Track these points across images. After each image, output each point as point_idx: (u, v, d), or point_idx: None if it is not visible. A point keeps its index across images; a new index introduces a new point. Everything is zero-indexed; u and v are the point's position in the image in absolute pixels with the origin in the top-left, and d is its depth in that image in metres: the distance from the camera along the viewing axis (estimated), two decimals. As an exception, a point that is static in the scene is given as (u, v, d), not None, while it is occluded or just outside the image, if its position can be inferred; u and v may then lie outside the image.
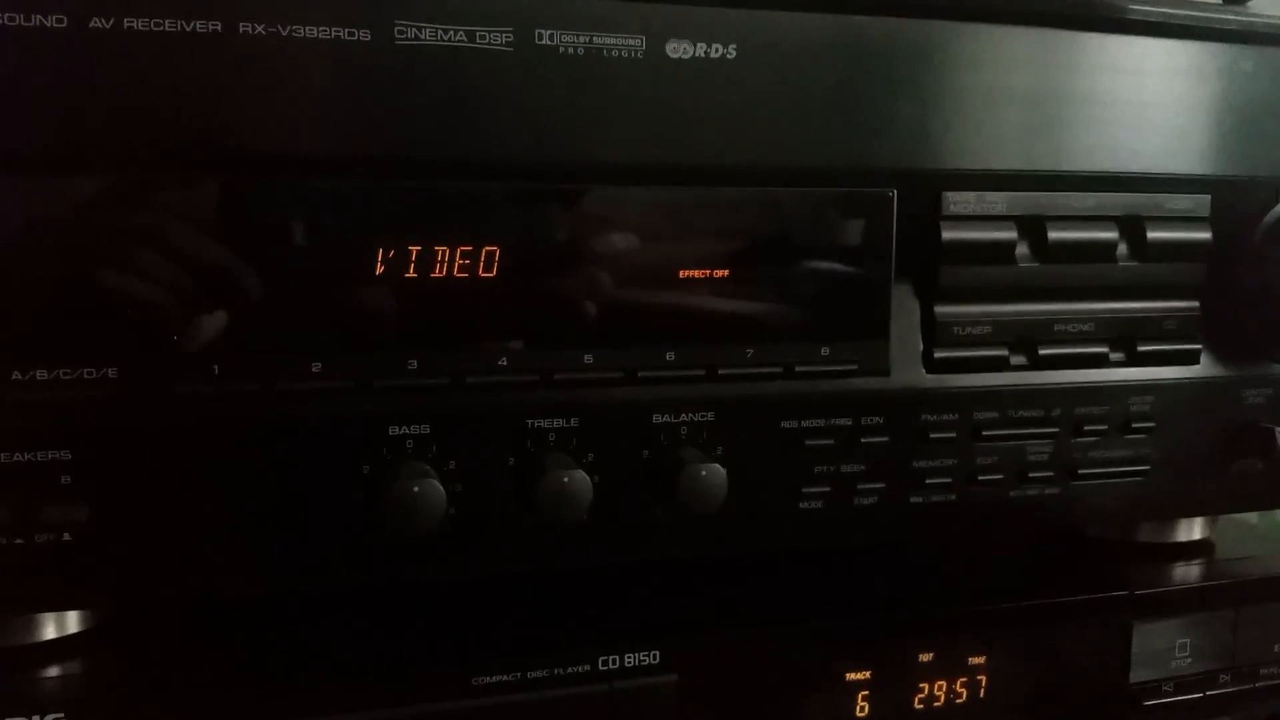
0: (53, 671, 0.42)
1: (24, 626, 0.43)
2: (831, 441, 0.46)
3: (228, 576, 0.41)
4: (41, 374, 0.38)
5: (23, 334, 0.37)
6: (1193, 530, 0.58)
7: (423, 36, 0.39)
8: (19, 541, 0.38)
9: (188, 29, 0.37)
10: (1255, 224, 0.50)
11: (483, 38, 0.40)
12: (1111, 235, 0.48)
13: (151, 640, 0.44)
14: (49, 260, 0.37)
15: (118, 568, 0.40)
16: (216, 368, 0.39)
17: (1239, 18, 0.48)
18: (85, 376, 0.38)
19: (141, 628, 0.45)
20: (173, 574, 0.40)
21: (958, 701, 0.50)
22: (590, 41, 0.41)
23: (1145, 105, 0.48)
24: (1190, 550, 0.58)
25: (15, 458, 0.38)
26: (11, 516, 0.38)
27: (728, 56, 0.43)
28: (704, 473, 0.43)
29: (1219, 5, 0.51)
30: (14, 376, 0.37)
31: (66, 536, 0.39)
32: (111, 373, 0.38)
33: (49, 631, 0.43)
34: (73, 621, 0.44)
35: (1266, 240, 0.50)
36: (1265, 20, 0.49)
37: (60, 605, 0.42)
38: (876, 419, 0.47)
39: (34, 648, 0.43)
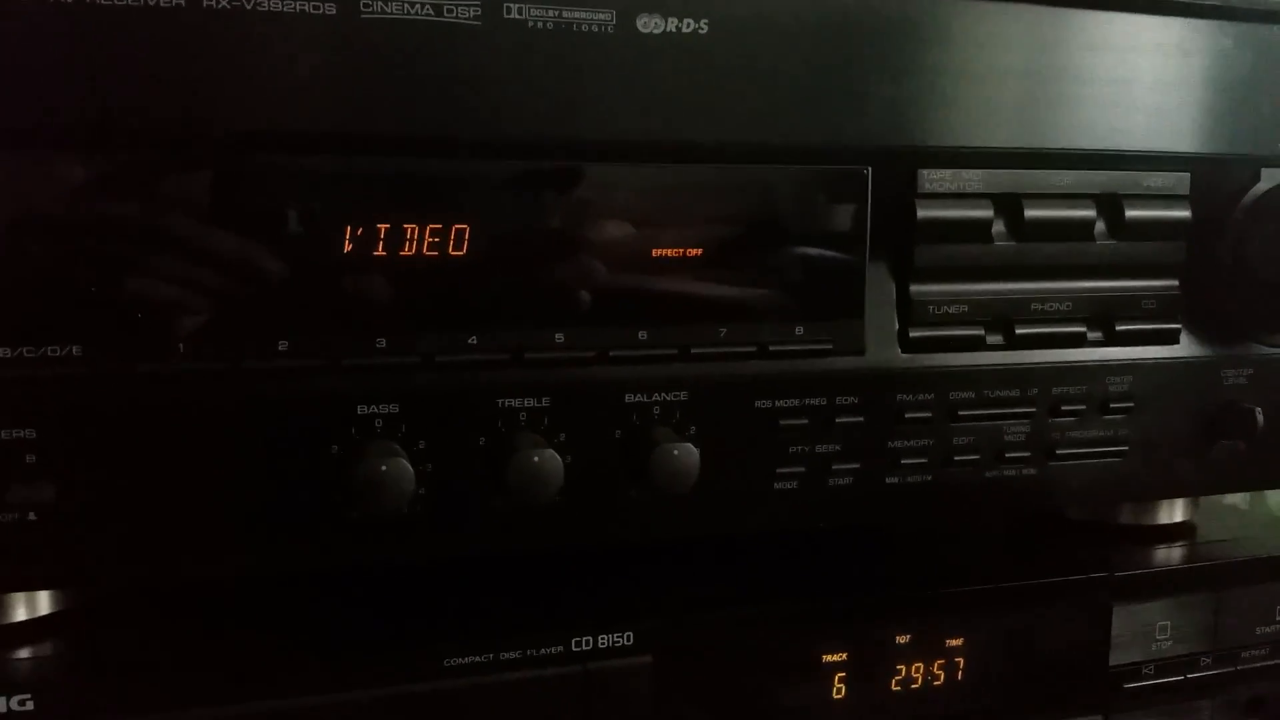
0: (22, 653, 0.41)
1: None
2: (806, 421, 0.46)
3: (194, 557, 0.41)
4: (4, 352, 0.37)
5: (-16, 312, 0.37)
6: (1174, 512, 0.58)
7: (389, 10, 0.39)
8: (-18, 521, 0.38)
9: (151, 2, 0.37)
10: (1235, 202, 0.50)
11: (450, 11, 0.40)
12: (1089, 213, 0.48)
13: (122, 622, 0.44)
14: (10, 238, 0.37)
15: (84, 548, 0.39)
16: (182, 346, 0.39)
17: (1221, -5, 0.48)
18: (49, 354, 0.38)
19: (113, 610, 0.44)
20: (139, 554, 0.40)
21: (936, 684, 0.50)
22: (560, 15, 0.41)
23: (1124, 82, 0.47)
24: (1172, 532, 0.57)
25: (-22, 437, 0.38)
26: (-26, 496, 0.38)
27: (699, 31, 0.42)
28: (676, 452, 0.42)
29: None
30: (-24, 355, 0.37)
31: (32, 516, 0.38)
32: (75, 350, 0.38)
33: (19, 613, 0.43)
34: (44, 603, 0.43)
35: (1247, 219, 0.50)
36: (1249, -2, 0.48)
37: (26, 585, 0.41)
38: (851, 399, 0.46)
39: (4, 629, 0.42)
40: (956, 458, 0.48)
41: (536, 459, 0.41)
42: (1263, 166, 0.50)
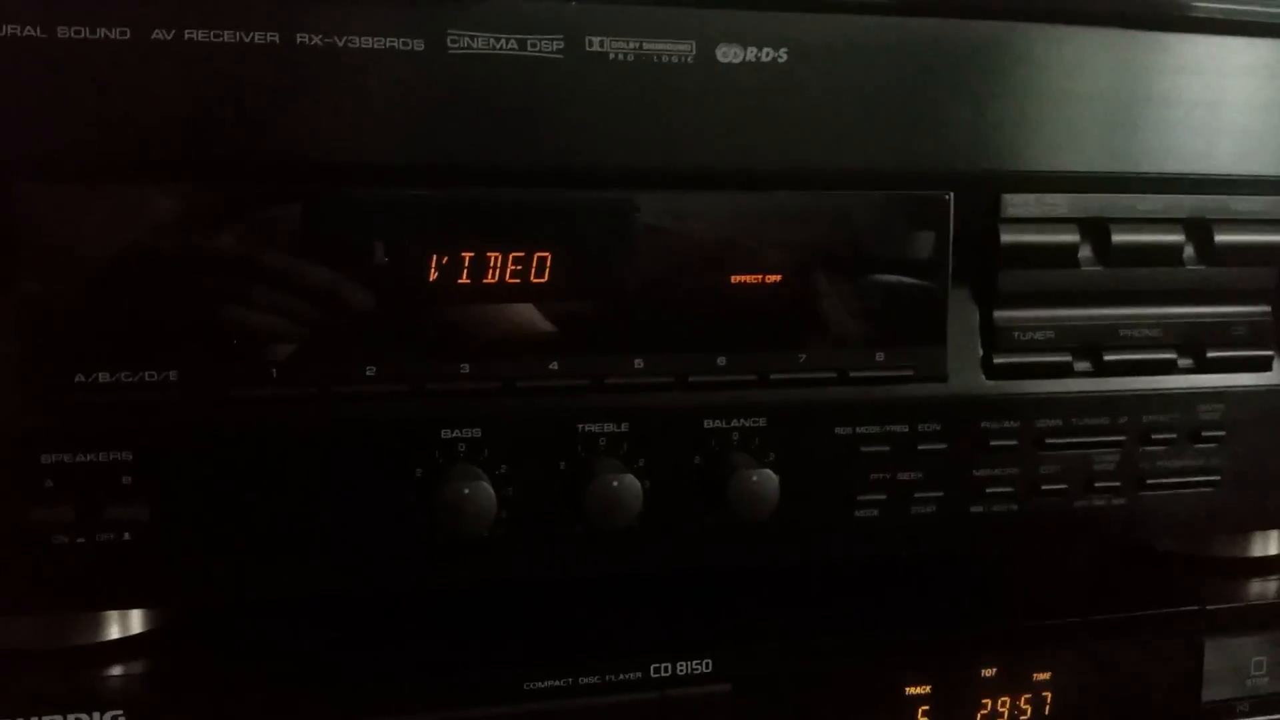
0: (114, 670, 0.43)
1: (88, 626, 0.44)
2: (887, 448, 0.45)
3: (282, 578, 0.42)
4: (104, 376, 0.39)
5: (86, 338, 0.38)
6: (1269, 544, 0.56)
7: (475, 46, 0.40)
8: (81, 541, 0.39)
9: (246, 40, 0.38)
10: (1333, 226, 0.49)
11: (534, 45, 0.40)
12: (1178, 238, 0.47)
13: (212, 642, 0.45)
14: (111, 267, 0.38)
15: (176, 567, 0.40)
16: (274, 371, 0.40)
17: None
18: (146, 379, 0.39)
19: (203, 629, 0.46)
20: (229, 574, 0.41)
21: (1022, 718, 0.49)
22: (640, 47, 0.41)
23: (1214, 105, 0.47)
24: (1267, 565, 0.56)
25: (78, 458, 0.39)
26: (74, 516, 0.39)
27: (779, 60, 0.42)
28: (755, 479, 0.42)
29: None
30: (77, 379, 0.39)
31: (127, 536, 0.40)
32: (172, 375, 0.39)
33: (113, 631, 0.44)
34: (135, 622, 0.45)
35: (1344, 243, 0.48)
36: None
37: (120, 604, 0.42)
38: (934, 426, 0.46)
39: (98, 646, 0.44)
40: (1044, 487, 0.47)
41: (615, 484, 0.41)
42: (1362, 189, 0.49)
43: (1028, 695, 0.49)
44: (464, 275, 0.41)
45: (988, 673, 0.48)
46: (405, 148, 0.40)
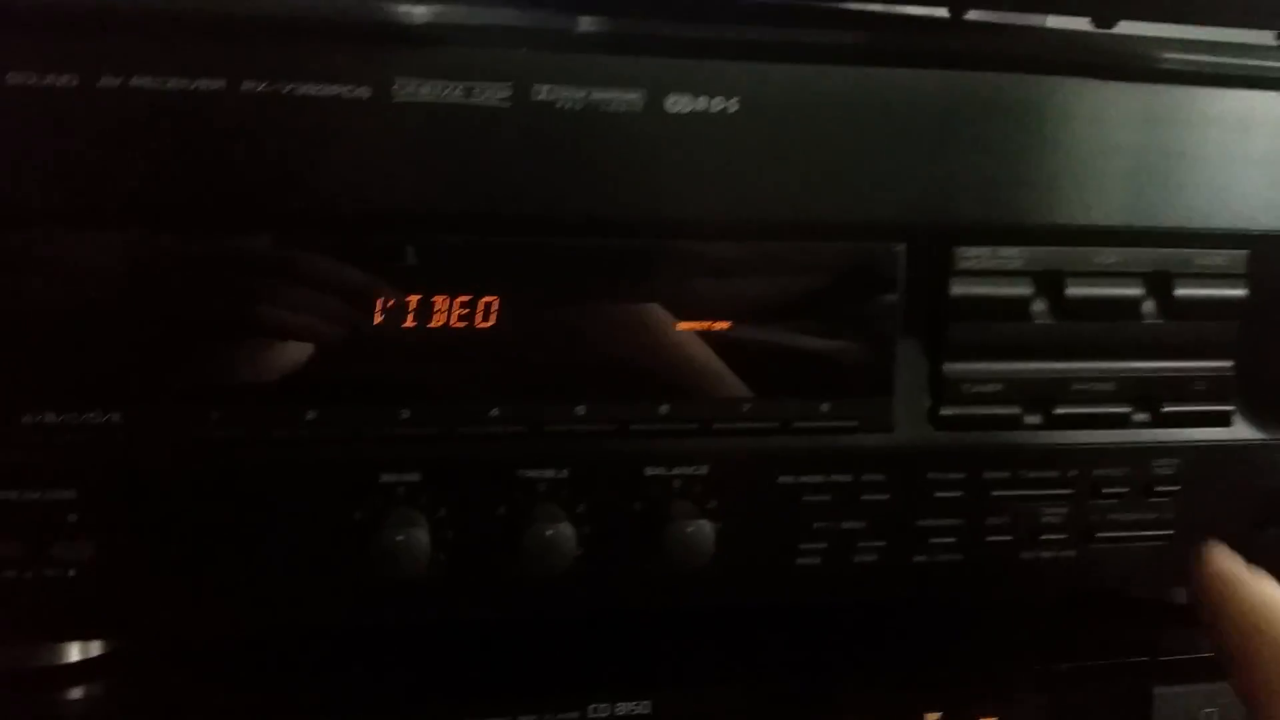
0: (75, 693, 0.44)
1: (48, 648, 0.45)
2: (829, 498, 0.45)
3: (224, 613, 0.43)
4: (50, 417, 0.40)
5: (32, 379, 0.39)
6: (1234, 591, 0.55)
7: (421, 93, 0.40)
8: (28, 575, 0.40)
9: (192, 87, 0.39)
10: (1298, 281, 0.48)
11: (480, 93, 0.40)
12: (1136, 292, 0.46)
13: (169, 664, 0.46)
14: (56, 311, 0.39)
15: (121, 602, 0.41)
16: (214, 414, 0.41)
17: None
18: (91, 421, 0.40)
19: (159, 652, 0.47)
20: (173, 609, 0.42)
21: (966, 762, 0.49)
22: (588, 96, 0.41)
23: (1177, 156, 0.46)
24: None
25: (25, 496, 0.40)
26: (21, 551, 0.40)
27: (729, 110, 0.42)
28: (690, 529, 0.42)
29: (1269, 48, 0.48)
30: (24, 420, 0.39)
31: (72, 572, 0.41)
32: (115, 417, 0.40)
33: (74, 654, 0.46)
34: (95, 644, 0.46)
35: (1310, 298, 0.48)
36: (1311, 67, 0.46)
37: (66, 636, 0.44)
38: (879, 476, 0.46)
39: (58, 669, 0.45)
40: (989, 538, 0.47)
41: (550, 532, 0.41)
42: (1330, 243, 0.48)
43: (972, 739, 0.49)
44: (409, 319, 0.42)
45: (931, 716, 0.49)
46: (351, 194, 0.40)
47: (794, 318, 0.44)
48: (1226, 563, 0.41)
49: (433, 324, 0.42)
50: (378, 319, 0.41)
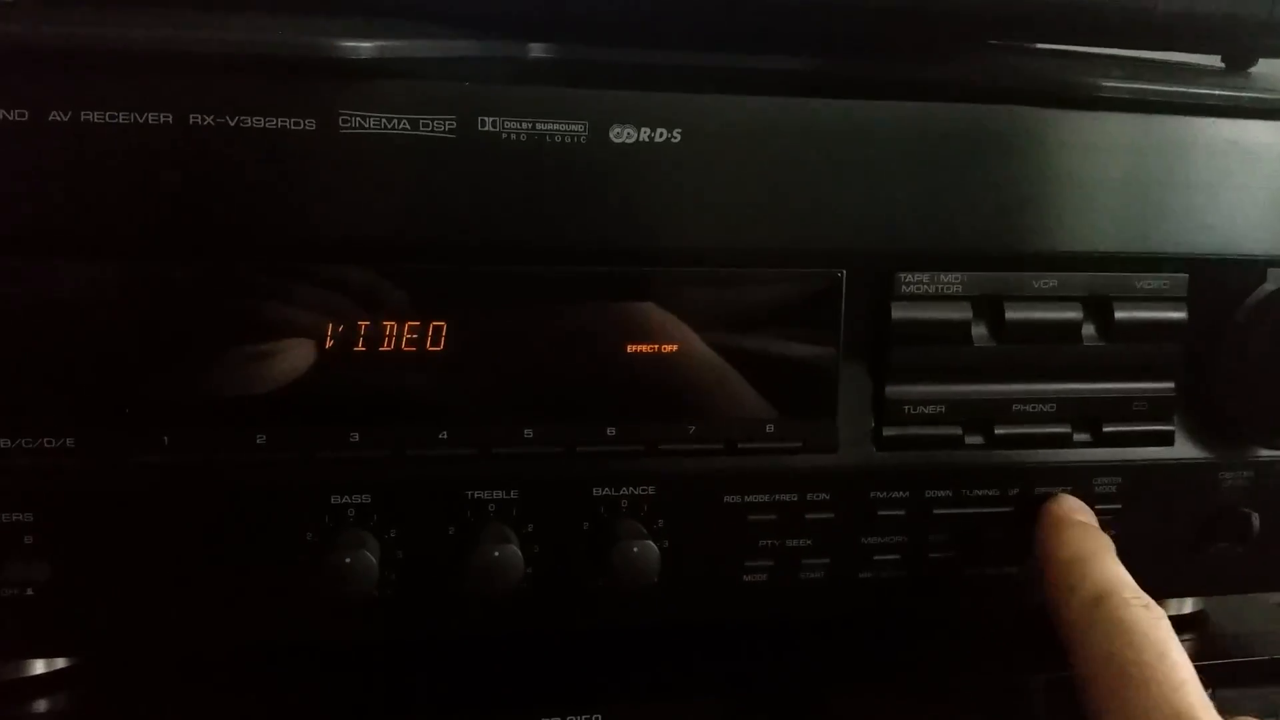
0: (39, 706, 0.45)
1: (12, 661, 0.46)
2: (775, 517, 0.46)
3: (180, 633, 0.44)
4: (4, 442, 0.41)
5: (-13, 406, 0.40)
6: (1184, 604, 0.57)
7: (367, 125, 0.41)
8: (-14, 595, 0.41)
9: (140, 120, 0.39)
10: (1238, 303, 0.49)
11: (426, 125, 0.41)
12: (1075, 315, 0.47)
13: (134, 676, 0.47)
14: (9, 338, 0.40)
15: (77, 622, 0.42)
16: (166, 439, 0.41)
17: (1220, 92, 0.47)
18: (45, 445, 0.41)
19: (126, 664, 0.48)
20: (129, 629, 0.43)
21: (914, 775, 0.50)
22: (533, 128, 0.42)
23: (1118, 182, 0.47)
24: (1181, 624, 0.56)
25: (-20, 519, 0.41)
26: (-22, 572, 0.41)
27: (672, 140, 0.43)
28: (635, 549, 0.43)
29: (1211, 76, 0.49)
30: (-21, 445, 0.41)
31: (29, 592, 0.42)
32: (69, 442, 0.41)
33: (38, 667, 0.46)
34: (60, 658, 0.47)
35: (1250, 321, 0.48)
36: (1251, 95, 0.47)
37: (25, 654, 0.45)
38: (823, 495, 0.47)
39: (21, 682, 0.46)
40: (932, 555, 0.48)
41: (496, 553, 0.42)
42: (1269, 267, 0.49)
43: (922, 749, 0.50)
44: (360, 343, 0.43)
45: (880, 727, 0.50)
46: (299, 224, 0.41)
47: (739, 341, 0.45)
48: (1062, 508, 0.48)
49: (383, 348, 0.43)
50: (328, 344, 0.42)
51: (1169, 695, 0.39)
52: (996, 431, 0.48)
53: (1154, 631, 0.41)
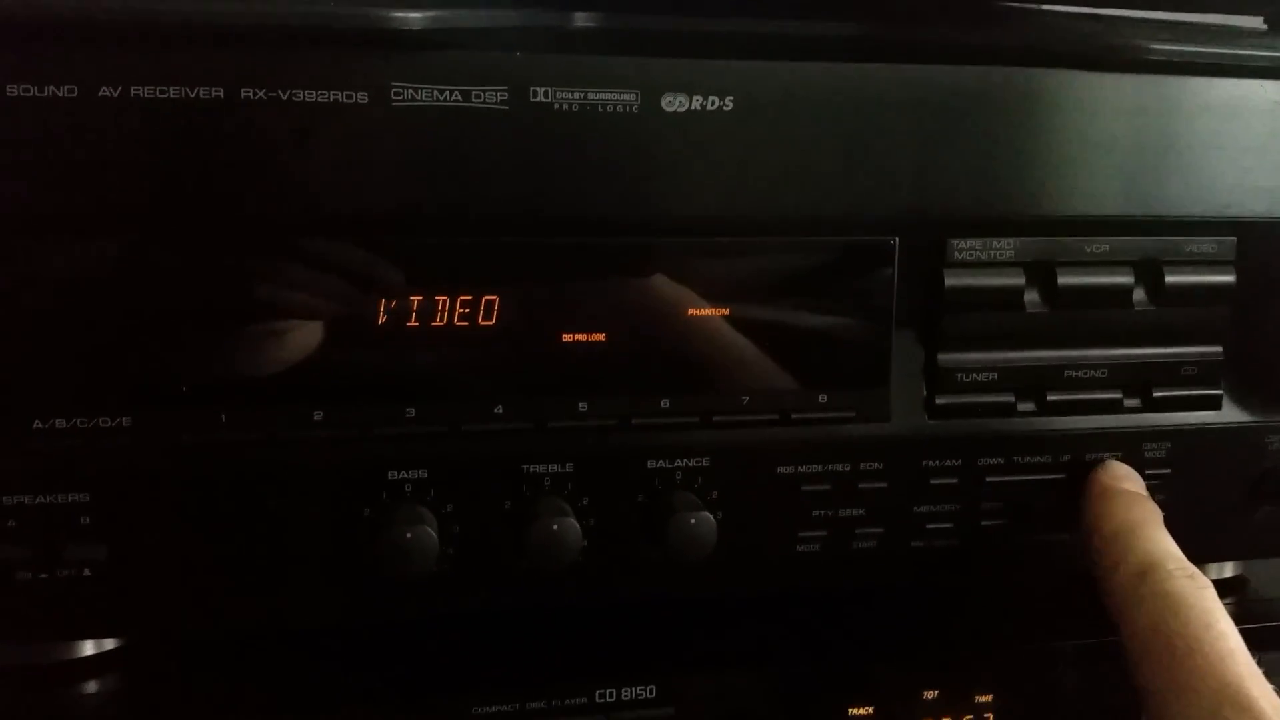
0: (88, 687, 0.45)
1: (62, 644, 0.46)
2: (828, 487, 0.46)
3: (237, 612, 0.43)
4: (60, 423, 0.40)
5: (43, 386, 0.40)
6: (1224, 569, 0.57)
7: (419, 98, 0.40)
8: (43, 576, 0.41)
9: (191, 95, 0.39)
10: (1287, 265, 0.49)
11: (478, 97, 0.41)
12: (1127, 280, 0.47)
13: (178, 660, 0.47)
14: (65, 317, 0.40)
15: (133, 602, 0.42)
16: (223, 416, 0.41)
17: (1267, 53, 0.46)
18: (101, 425, 0.41)
19: (171, 649, 0.47)
20: (185, 608, 0.43)
21: (963, 738, 0.50)
22: (585, 97, 0.42)
23: (1166, 146, 0.46)
24: (1220, 589, 0.56)
25: (38, 500, 0.41)
26: (36, 554, 0.41)
27: (724, 108, 0.43)
28: (693, 521, 0.43)
29: (1253, 38, 0.49)
30: (35, 425, 0.40)
31: (86, 572, 0.41)
32: (125, 422, 0.41)
33: (87, 648, 0.46)
34: (109, 639, 0.47)
35: (1299, 282, 0.48)
36: (1296, 55, 0.47)
37: (81, 635, 0.45)
38: (876, 465, 0.47)
39: (71, 664, 0.46)
40: (984, 523, 0.48)
41: (555, 526, 0.42)
42: (1317, 228, 0.49)
43: (969, 716, 0.50)
44: (412, 318, 0.42)
45: (929, 694, 0.50)
46: (352, 198, 0.41)
47: (791, 311, 0.45)
48: (1110, 475, 0.47)
49: (435, 323, 0.43)
50: (381, 319, 0.42)
51: (1215, 666, 0.39)
52: (1049, 398, 0.47)
53: (1200, 602, 0.41)
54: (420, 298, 0.42)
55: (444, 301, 0.43)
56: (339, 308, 0.42)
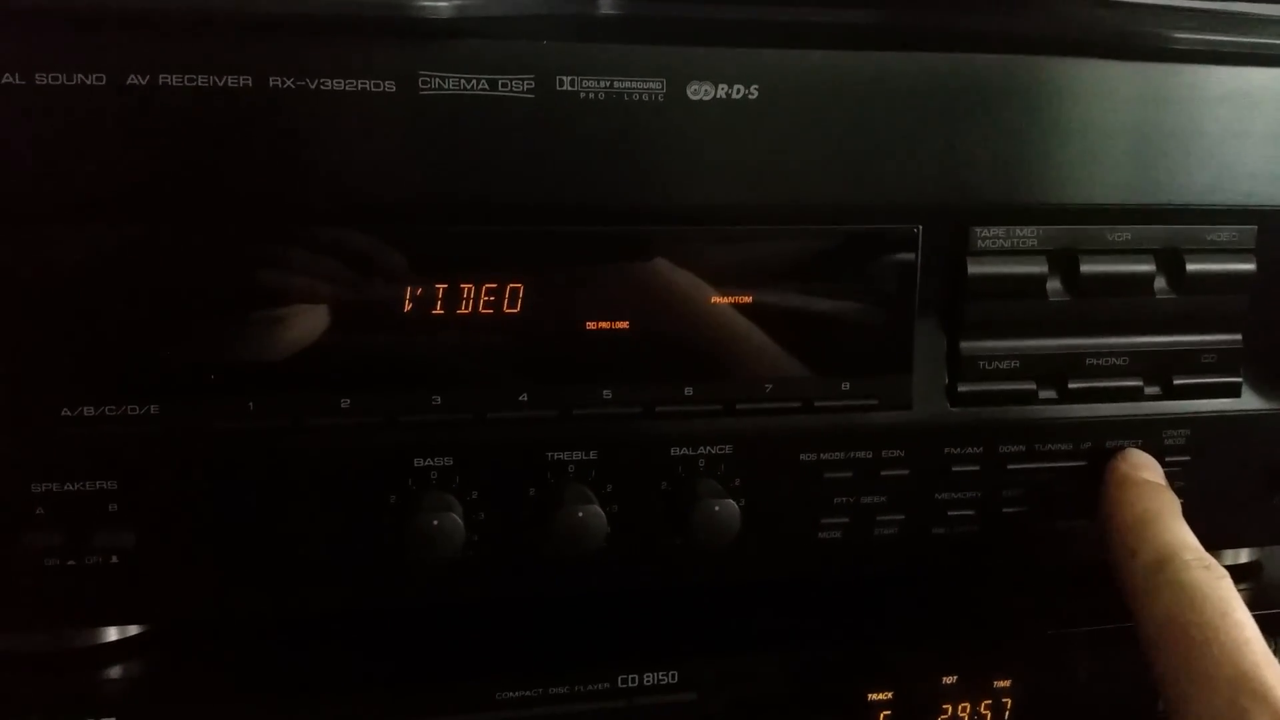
0: (112, 673, 0.45)
1: (86, 629, 0.46)
2: (850, 474, 0.47)
3: (261, 598, 0.44)
4: (89, 410, 0.40)
5: (71, 374, 0.40)
6: (1239, 554, 0.57)
7: (446, 86, 0.40)
8: (71, 563, 0.41)
9: (220, 84, 0.39)
10: (1306, 254, 0.49)
11: (505, 85, 0.41)
12: (1148, 268, 0.47)
13: (202, 645, 0.47)
14: (94, 306, 0.40)
15: (161, 588, 0.43)
16: (251, 404, 0.41)
17: (1291, 42, 0.46)
18: (129, 413, 0.41)
19: (195, 633, 0.48)
20: (212, 594, 0.43)
21: (982, 725, 0.51)
22: (611, 86, 0.42)
23: (1187, 135, 0.46)
24: (1236, 574, 0.57)
25: (66, 487, 0.41)
26: (64, 540, 0.41)
27: (750, 97, 0.43)
28: (717, 508, 0.44)
29: (1274, 25, 0.49)
30: (64, 413, 0.40)
31: (114, 559, 0.42)
32: (153, 409, 0.41)
33: (111, 634, 0.47)
34: (133, 625, 0.47)
35: (1319, 270, 0.49)
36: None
37: (108, 621, 0.45)
38: (898, 452, 0.47)
39: (95, 649, 0.46)
40: (1006, 510, 0.48)
41: (580, 514, 0.43)
42: (1337, 217, 0.49)
43: (988, 701, 0.51)
44: (438, 306, 0.43)
45: (948, 680, 0.50)
46: (378, 185, 0.41)
47: (815, 299, 0.45)
48: (1129, 464, 0.47)
49: (461, 311, 0.43)
50: (407, 307, 0.42)
51: (1231, 654, 0.40)
52: (1070, 386, 0.48)
53: (1215, 591, 0.42)
54: (446, 286, 0.43)
55: (469, 289, 0.43)
56: (366, 296, 0.42)
